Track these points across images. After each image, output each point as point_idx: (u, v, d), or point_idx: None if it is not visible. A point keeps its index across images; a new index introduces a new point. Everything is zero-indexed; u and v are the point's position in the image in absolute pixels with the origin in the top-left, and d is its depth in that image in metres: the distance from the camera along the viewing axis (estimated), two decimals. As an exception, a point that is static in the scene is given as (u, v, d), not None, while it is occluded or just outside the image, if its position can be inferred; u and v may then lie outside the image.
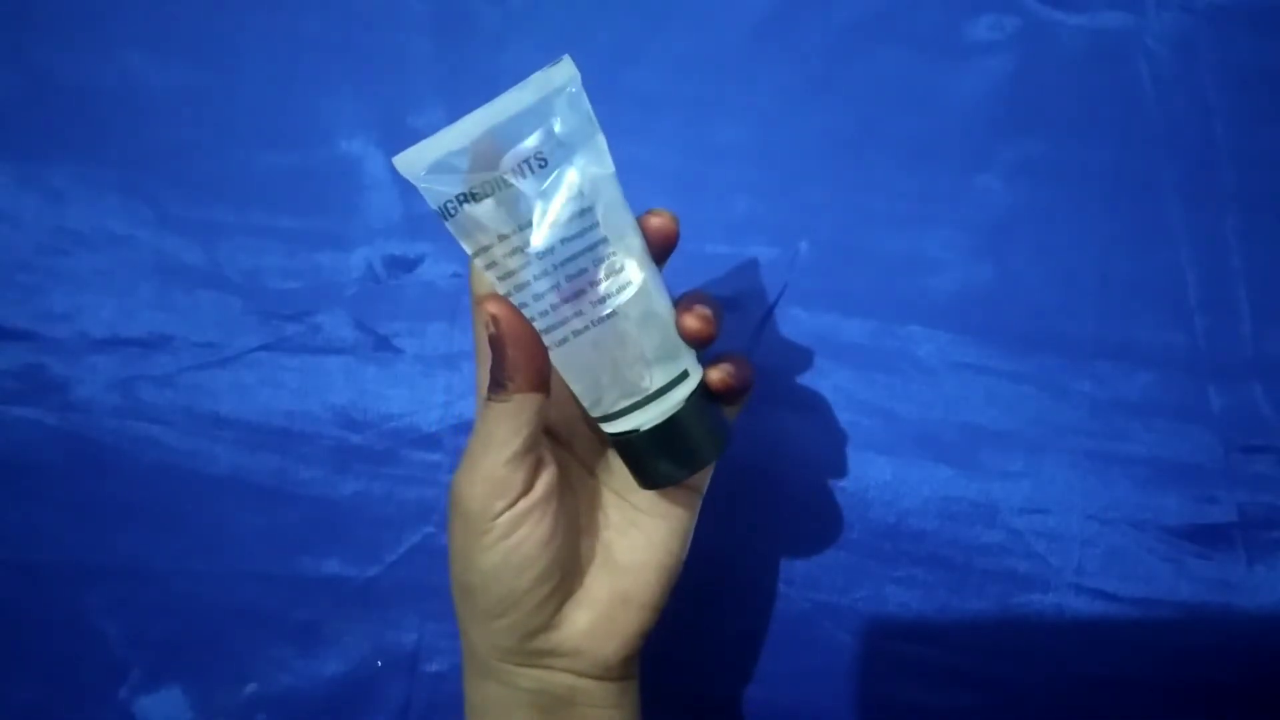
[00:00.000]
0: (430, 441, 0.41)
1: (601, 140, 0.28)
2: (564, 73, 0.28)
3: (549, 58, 0.27)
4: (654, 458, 0.31)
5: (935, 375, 0.41)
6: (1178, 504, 0.40)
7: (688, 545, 0.34)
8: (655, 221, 0.30)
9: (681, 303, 0.31)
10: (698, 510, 0.34)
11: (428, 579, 0.41)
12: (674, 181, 0.41)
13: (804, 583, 0.41)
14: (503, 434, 0.30)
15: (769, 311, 0.41)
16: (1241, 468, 0.40)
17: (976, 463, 0.40)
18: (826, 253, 0.41)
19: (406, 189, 0.42)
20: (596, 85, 0.28)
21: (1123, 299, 0.41)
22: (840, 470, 0.41)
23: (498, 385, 0.30)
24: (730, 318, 0.41)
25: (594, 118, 0.28)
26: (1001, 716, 0.41)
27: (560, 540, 0.31)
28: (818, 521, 0.41)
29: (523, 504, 0.30)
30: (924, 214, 0.41)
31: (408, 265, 0.42)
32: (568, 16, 0.42)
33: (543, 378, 0.30)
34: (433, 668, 0.42)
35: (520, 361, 0.29)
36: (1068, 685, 0.40)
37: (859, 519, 0.41)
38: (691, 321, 0.30)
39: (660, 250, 0.30)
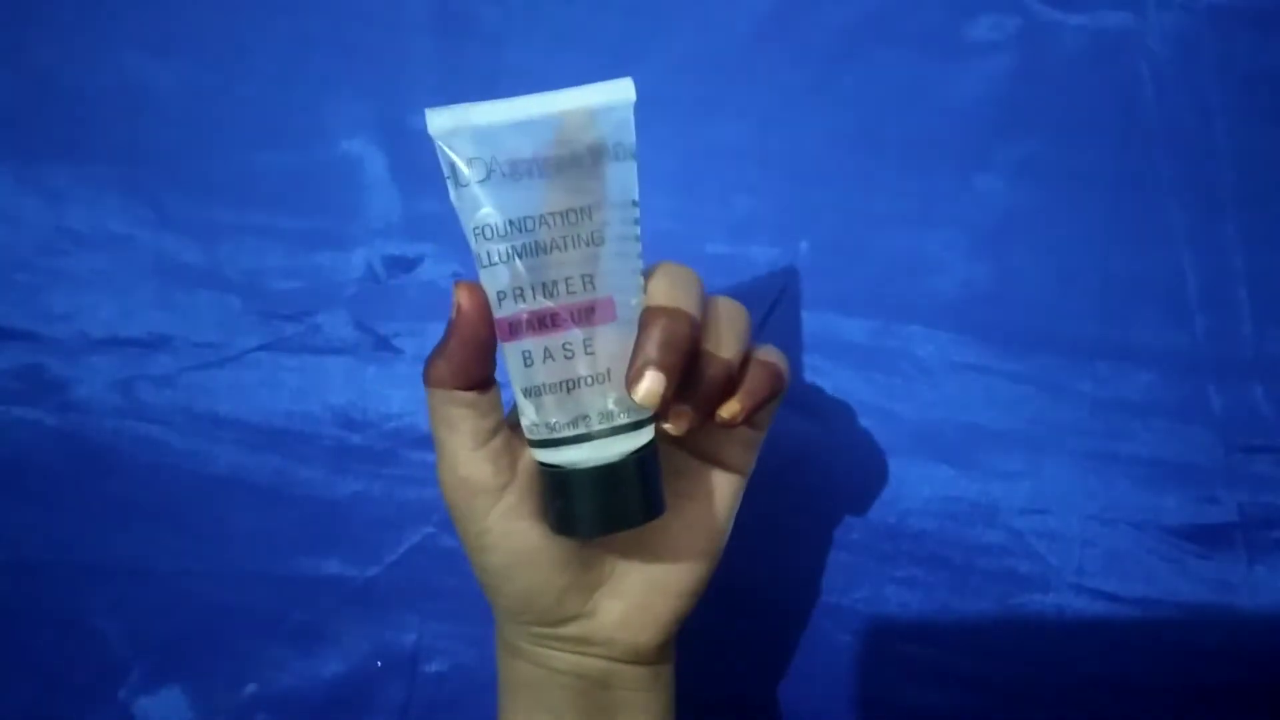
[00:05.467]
0: (430, 442, 0.41)
1: None
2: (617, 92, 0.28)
3: (549, 58, 0.27)
4: (577, 502, 0.28)
5: (935, 375, 0.41)
6: (1178, 504, 0.40)
7: (729, 529, 0.33)
8: None
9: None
10: (741, 494, 0.33)
11: (427, 579, 0.41)
12: (674, 181, 0.41)
13: (804, 583, 0.41)
14: (443, 433, 0.29)
15: (769, 311, 0.41)
16: (1242, 468, 0.40)
17: (976, 463, 0.40)
18: (827, 252, 0.41)
19: (407, 189, 0.42)
20: (596, 85, 0.28)
21: (1123, 299, 0.41)
22: (840, 470, 0.41)
23: (427, 372, 0.29)
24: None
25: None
26: (1001, 717, 0.41)
27: None
28: (818, 521, 0.41)
29: (510, 496, 0.29)
30: (924, 214, 0.41)
31: (407, 265, 0.42)
32: (568, 16, 0.42)
33: (471, 380, 0.29)
34: (432, 668, 0.42)
35: (459, 355, 0.28)
36: (1068, 685, 0.40)
37: (859, 519, 0.41)
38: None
39: None
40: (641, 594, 0.31)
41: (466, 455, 0.29)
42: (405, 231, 0.42)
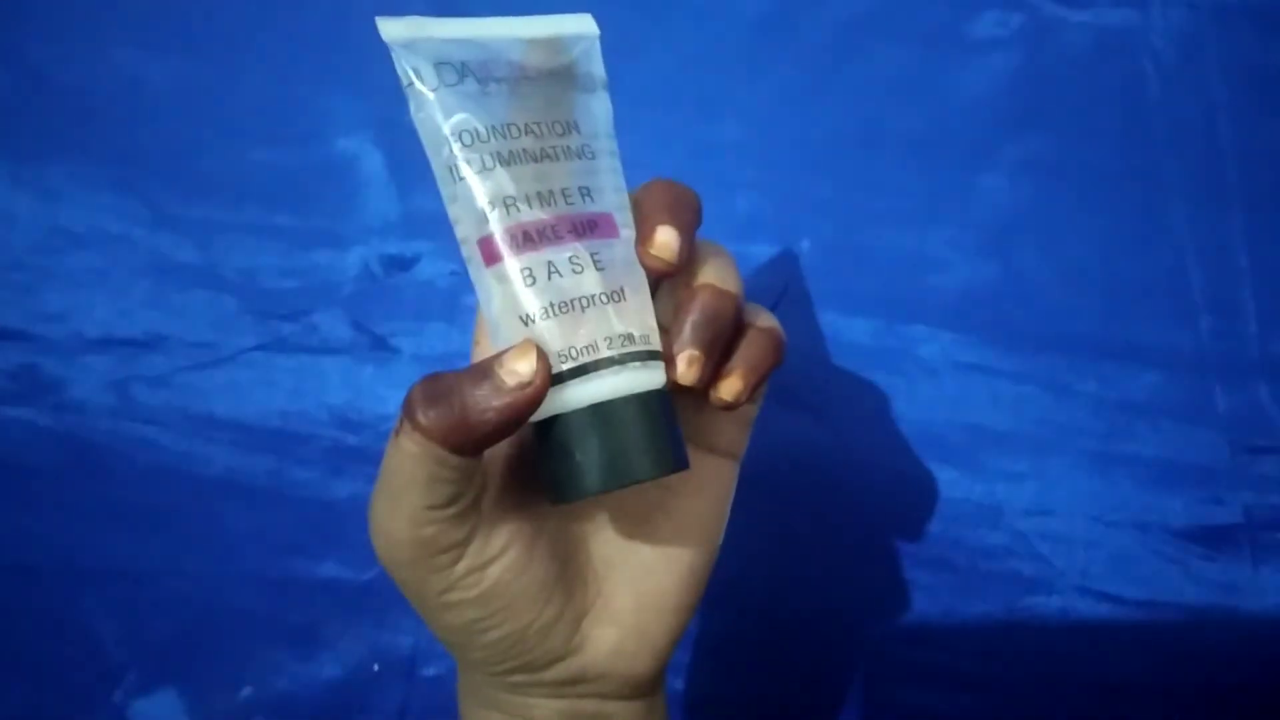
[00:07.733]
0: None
1: None
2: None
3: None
4: (587, 448, 0.24)
5: (938, 375, 0.41)
6: (1183, 505, 0.40)
7: (724, 528, 0.29)
8: None
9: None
10: (735, 483, 0.29)
11: (425, 581, 0.41)
12: (675, 179, 0.41)
13: (806, 585, 0.41)
14: (404, 488, 0.24)
15: (770, 311, 0.41)
16: (1247, 469, 0.40)
17: (980, 464, 0.40)
18: (829, 251, 0.41)
19: (404, 187, 0.42)
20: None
21: (1128, 299, 0.40)
22: (842, 471, 0.41)
23: (410, 416, 0.23)
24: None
25: None
26: (1005, 719, 0.41)
27: (544, 550, 0.26)
28: (818, 522, 0.41)
29: (475, 547, 0.25)
30: (927, 212, 0.41)
31: (404, 264, 0.42)
32: (567, 13, 0.42)
33: (484, 449, 0.24)
34: (430, 671, 0.41)
35: (492, 427, 0.23)
36: (1072, 688, 0.40)
37: (861, 521, 0.41)
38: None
39: None
40: (635, 615, 0.28)
41: (435, 514, 0.24)
42: (402, 230, 0.42)
